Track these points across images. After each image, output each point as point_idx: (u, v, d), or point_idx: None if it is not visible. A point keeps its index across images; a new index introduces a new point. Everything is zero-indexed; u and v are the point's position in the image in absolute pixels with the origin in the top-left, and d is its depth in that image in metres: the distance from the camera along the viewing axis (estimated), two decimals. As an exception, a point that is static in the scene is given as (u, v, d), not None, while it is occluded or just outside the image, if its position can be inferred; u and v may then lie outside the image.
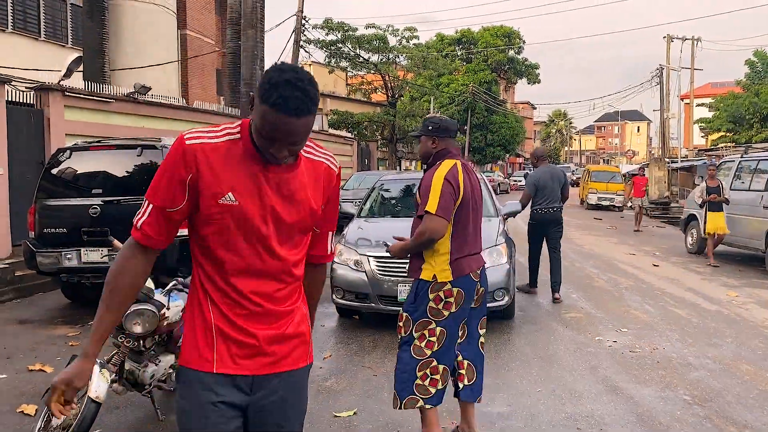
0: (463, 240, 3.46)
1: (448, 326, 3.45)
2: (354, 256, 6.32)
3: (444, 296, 3.40)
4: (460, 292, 3.41)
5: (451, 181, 3.37)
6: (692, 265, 11.21)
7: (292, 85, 1.57)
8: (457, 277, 3.39)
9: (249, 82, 13.01)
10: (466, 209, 3.45)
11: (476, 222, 3.62)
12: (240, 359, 1.77)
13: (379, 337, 6.06)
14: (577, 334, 6.18)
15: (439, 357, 3.47)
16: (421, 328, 3.46)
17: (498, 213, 7.30)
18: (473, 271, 3.49)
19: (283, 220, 1.77)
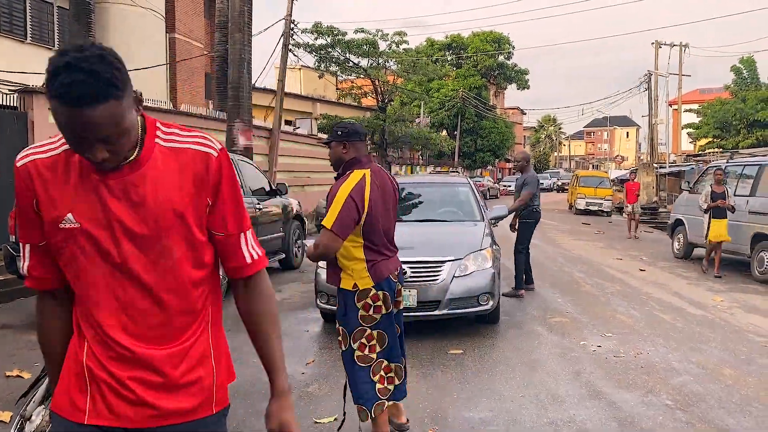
0: (376, 245, 3.51)
1: (384, 326, 3.53)
2: (338, 260, 6.27)
3: (372, 302, 3.47)
4: (386, 294, 3.50)
5: (355, 198, 3.37)
6: (679, 269, 11.24)
7: (73, 69, 1.25)
8: (377, 282, 3.47)
9: (236, 85, 12.96)
10: (375, 216, 3.48)
11: (390, 225, 3.67)
12: (118, 408, 1.45)
13: (363, 342, 6.01)
14: (562, 339, 6.17)
15: (386, 356, 3.56)
16: (359, 337, 3.51)
17: (484, 217, 7.29)
18: (392, 272, 3.58)
19: (137, 234, 1.41)
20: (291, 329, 6.62)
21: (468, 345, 5.91)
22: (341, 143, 3.60)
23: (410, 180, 9.54)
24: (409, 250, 6.34)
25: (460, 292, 5.97)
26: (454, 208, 7.61)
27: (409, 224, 7.30)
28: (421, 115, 40.56)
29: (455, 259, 6.05)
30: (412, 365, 5.29)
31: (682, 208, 13.00)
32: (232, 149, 12.69)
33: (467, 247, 6.25)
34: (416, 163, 44.62)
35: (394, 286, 3.60)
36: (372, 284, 3.45)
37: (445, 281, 5.94)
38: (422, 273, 5.97)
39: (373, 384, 3.52)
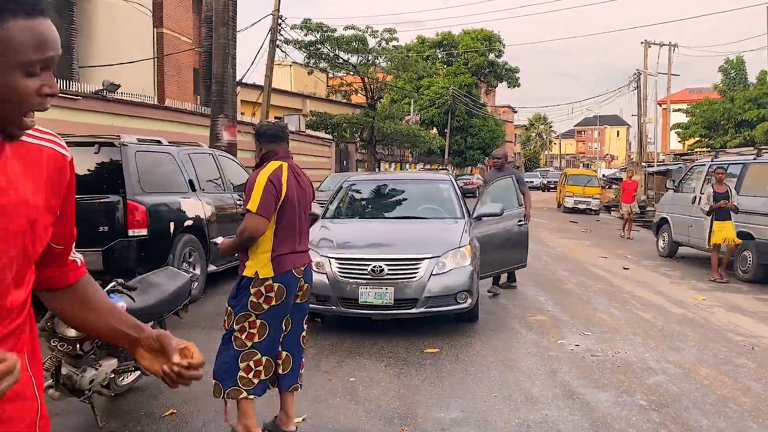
0: (285, 238, 3.57)
1: (269, 319, 3.55)
2: (315, 257, 6.15)
3: (265, 291, 3.51)
4: (281, 287, 3.53)
5: (274, 181, 3.50)
6: (663, 268, 11.23)
7: None
8: (278, 274, 3.51)
9: (221, 80, 12.81)
10: (290, 208, 3.58)
11: (302, 221, 3.72)
12: None
13: (339, 341, 5.93)
14: (540, 338, 6.11)
15: (261, 348, 3.56)
16: (242, 321, 3.55)
17: (464, 215, 7.22)
18: (296, 267, 3.61)
19: None
20: (267, 327, 6.53)
21: (445, 344, 5.83)
22: (257, 143, 3.76)
23: (391, 176, 9.48)
24: (386, 247, 6.29)
25: (438, 290, 5.89)
26: (435, 205, 7.54)
27: (388, 221, 7.24)
28: (411, 112, 40.50)
29: (433, 257, 5.98)
30: (386, 364, 5.22)
31: (667, 207, 13.00)
32: (216, 145, 12.57)
33: (446, 245, 6.17)
34: (406, 160, 44.58)
35: (296, 281, 3.62)
36: (272, 275, 3.50)
37: (422, 279, 5.86)
38: (399, 270, 5.89)
39: (236, 369, 3.55)
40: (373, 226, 7.07)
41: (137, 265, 6.88)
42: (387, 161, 40.54)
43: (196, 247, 7.85)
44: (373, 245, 6.33)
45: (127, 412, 4.25)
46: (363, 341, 5.90)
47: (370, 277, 5.85)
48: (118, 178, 6.88)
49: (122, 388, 4.55)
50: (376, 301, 5.82)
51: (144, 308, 4.19)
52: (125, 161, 6.97)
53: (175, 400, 4.41)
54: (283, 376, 3.77)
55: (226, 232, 8.75)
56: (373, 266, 5.84)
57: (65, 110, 11.88)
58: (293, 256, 3.61)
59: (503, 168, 8.51)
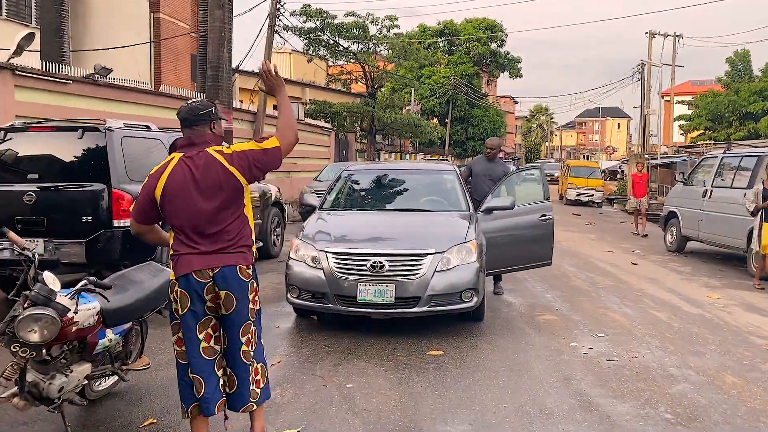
0: (183, 237, 3.21)
1: (183, 329, 3.20)
2: (311, 252, 5.79)
3: (175, 296, 3.22)
4: (183, 293, 3.16)
5: (149, 181, 3.25)
6: (672, 263, 10.85)
7: None
8: (177, 276, 3.19)
9: (216, 65, 12.40)
10: (175, 206, 3.17)
11: (202, 216, 3.17)
12: None
13: (336, 341, 5.55)
14: (550, 340, 5.72)
15: (189, 362, 3.22)
16: (175, 332, 3.28)
17: (470, 207, 6.82)
18: (194, 270, 3.14)
19: None
20: (260, 325, 6.14)
21: (449, 346, 5.45)
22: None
23: (392, 166, 9.04)
24: (387, 242, 5.89)
25: (442, 287, 5.50)
26: (439, 197, 7.13)
27: (388, 214, 6.84)
28: (411, 102, 39.98)
29: (437, 252, 5.58)
30: (386, 369, 4.84)
31: (676, 200, 12.60)
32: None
33: (450, 239, 5.78)
34: (406, 150, 44.07)
35: (200, 287, 3.14)
36: (173, 277, 3.22)
37: (425, 276, 5.47)
38: (401, 267, 5.50)
39: (189, 383, 3.21)
40: (373, 219, 6.66)
41: (123, 258, 6.48)
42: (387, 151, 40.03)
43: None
44: (372, 239, 5.93)
45: (102, 421, 3.88)
46: (362, 342, 5.52)
47: (369, 273, 5.46)
48: (102, 165, 6.47)
49: (98, 393, 4.17)
50: (376, 299, 5.43)
51: (121, 308, 3.80)
52: (110, 147, 6.55)
53: (155, 408, 4.04)
54: (230, 396, 3.29)
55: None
56: (372, 262, 5.45)
57: (54, 94, 11.43)
58: (193, 257, 3.15)
59: (495, 159, 8.04)
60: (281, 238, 10.62)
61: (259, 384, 3.37)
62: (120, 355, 4.13)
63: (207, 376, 3.19)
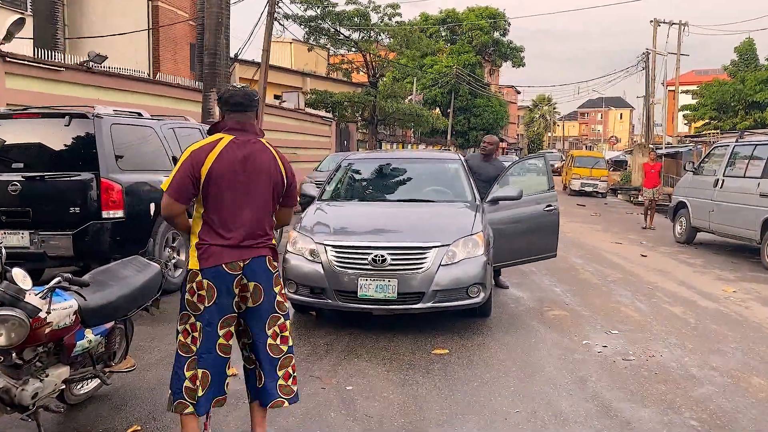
0: (215, 225, 3.03)
1: (205, 322, 3.01)
2: (310, 244, 5.49)
3: (197, 288, 3.01)
4: (211, 285, 2.99)
5: (194, 157, 2.99)
6: (682, 255, 10.54)
7: None
8: (204, 267, 2.99)
9: (213, 51, 12.04)
10: (218, 190, 3.01)
11: (245, 208, 3.07)
12: None
13: (336, 339, 5.26)
14: (562, 337, 5.42)
15: (198, 357, 3.02)
16: (184, 322, 3.08)
17: (476, 198, 6.51)
18: (229, 262, 3.01)
19: None
20: (256, 321, 5.86)
21: (455, 344, 5.15)
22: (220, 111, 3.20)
23: (394, 155, 8.70)
24: (389, 234, 5.59)
25: (447, 282, 5.20)
26: (443, 187, 6.82)
27: (391, 204, 6.53)
28: (413, 91, 39.57)
29: (442, 245, 5.28)
30: (389, 369, 4.55)
31: (686, 190, 12.28)
32: (208, 120, 11.84)
33: (456, 232, 5.47)
34: (408, 141, 43.72)
35: (230, 279, 3.00)
36: (198, 267, 3.00)
37: (430, 270, 5.17)
38: (404, 260, 5.20)
39: (183, 378, 3.03)
40: (374, 210, 6.35)
41: (112, 250, 6.20)
42: (388, 141, 39.66)
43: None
44: (374, 231, 5.62)
45: (82, 427, 3.59)
46: (362, 340, 5.23)
47: (370, 267, 5.16)
48: (91, 153, 6.18)
49: (79, 398, 3.89)
50: (378, 294, 5.13)
51: (102, 306, 3.50)
52: (99, 135, 6.25)
53: (141, 413, 3.75)
54: (259, 391, 3.17)
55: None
56: (374, 255, 5.15)
57: (47, 82, 11.13)
58: (224, 249, 3.01)
59: (491, 158, 7.58)
60: (280, 230, 10.31)
61: (294, 381, 3.22)
62: (102, 357, 3.84)
63: (217, 373, 3.07)
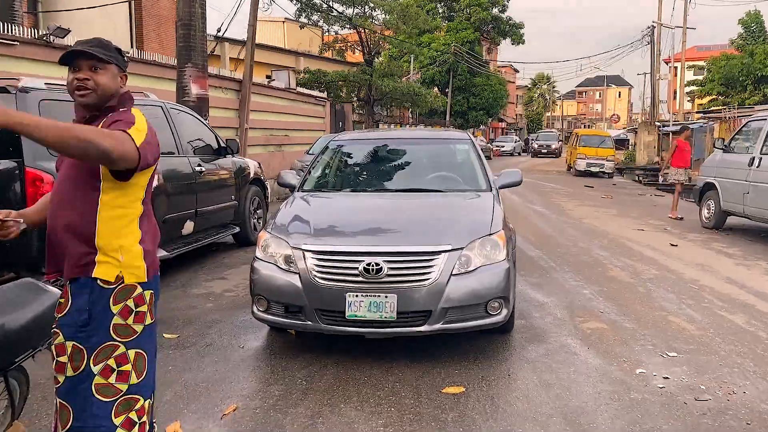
0: (150, 222, 2.42)
1: (145, 343, 2.33)
2: (284, 249, 4.30)
3: (135, 305, 2.29)
4: (153, 295, 2.39)
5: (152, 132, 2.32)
6: (715, 244, 9.37)
7: None
8: (152, 277, 2.36)
9: (187, 22, 10.76)
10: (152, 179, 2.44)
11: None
12: None
13: (317, 373, 4.09)
14: (608, 363, 4.25)
15: (142, 391, 2.33)
16: (105, 357, 2.23)
17: (491, 185, 5.32)
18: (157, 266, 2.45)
19: None
20: (219, 342, 4.68)
21: (472, 376, 3.99)
22: (122, 71, 2.39)
23: (392, 135, 7.44)
24: (386, 235, 4.39)
25: (461, 297, 4.03)
26: (451, 173, 5.62)
27: (388, 196, 5.31)
28: (411, 70, 38.18)
29: (453, 249, 4.09)
30: (386, 419, 3.39)
31: (714, 170, 11.07)
32: (183, 100, 10.59)
33: (471, 231, 4.29)
34: (405, 122, 42.34)
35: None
36: (144, 278, 2.30)
37: (438, 282, 3.99)
38: (405, 270, 4.01)
39: (112, 429, 2.24)
40: (367, 203, 5.14)
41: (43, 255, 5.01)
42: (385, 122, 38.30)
43: (135, 229, 5.95)
44: (367, 231, 4.44)
45: None
46: (352, 373, 4.06)
47: (362, 279, 3.98)
48: (13, 137, 4.96)
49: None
50: (372, 314, 3.96)
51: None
52: (25, 114, 5.02)
53: None
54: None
55: (181, 207, 6.88)
56: (366, 263, 3.97)
57: (-2, 58, 9.86)
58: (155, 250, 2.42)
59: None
60: (263, 221, 9.12)
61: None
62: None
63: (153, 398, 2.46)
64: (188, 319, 5.29)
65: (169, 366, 4.19)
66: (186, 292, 6.19)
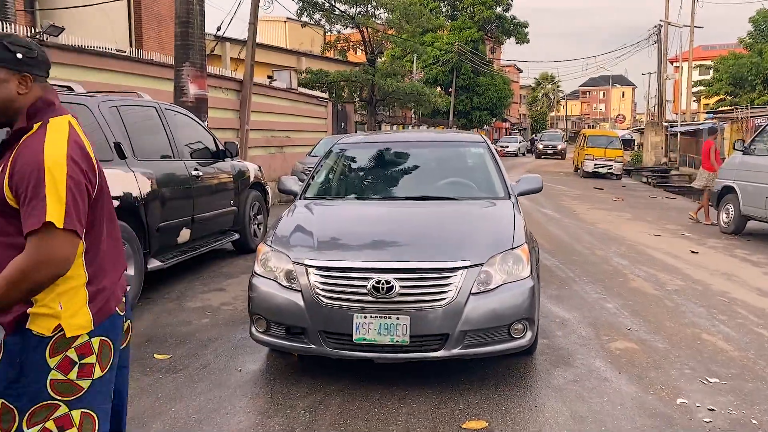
0: (101, 256, 1.92)
1: (93, 401, 1.87)
2: (285, 264, 3.90)
3: (78, 356, 1.83)
4: (105, 342, 1.89)
5: (78, 159, 1.78)
6: (738, 251, 8.95)
7: None
8: (101, 321, 1.87)
9: (185, 20, 10.37)
10: (101, 200, 1.92)
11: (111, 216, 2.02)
12: None
13: (321, 403, 3.68)
14: (644, 392, 3.84)
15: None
16: (41, 419, 1.79)
17: (510, 193, 4.91)
18: (119, 302, 1.99)
19: None
20: (215, 364, 4.28)
21: (495, 408, 3.57)
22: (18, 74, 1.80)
23: (399, 138, 7.00)
24: (397, 249, 3.98)
25: (481, 318, 3.62)
26: (465, 179, 5.21)
27: (397, 204, 4.89)
28: (414, 70, 37.78)
29: (472, 265, 3.68)
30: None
31: (733, 173, 10.65)
32: (181, 100, 10.20)
33: (490, 244, 3.88)
34: (408, 122, 41.94)
35: (121, 323, 2.00)
36: (90, 327, 1.83)
37: (456, 302, 3.59)
38: (419, 288, 3.61)
39: None
40: (375, 212, 4.72)
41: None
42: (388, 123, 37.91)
43: (126, 238, 5.56)
44: (375, 245, 4.03)
45: None
46: (359, 403, 3.65)
47: (371, 298, 3.58)
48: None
49: None
50: (382, 338, 3.56)
51: None
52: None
53: None
54: None
55: (177, 214, 6.48)
56: (376, 280, 3.57)
57: (-12, 57, 9.47)
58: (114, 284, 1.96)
59: None
60: (263, 227, 8.73)
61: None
62: None
63: None
64: (182, 337, 4.88)
65: (159, 394, 3.79)
66: (181, 306, 5.79)
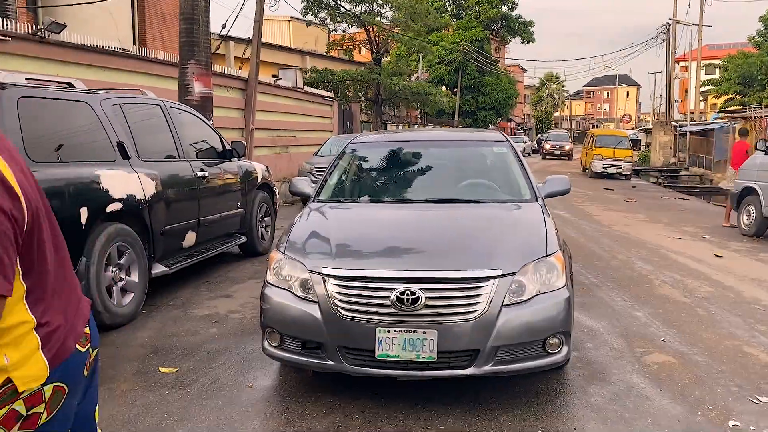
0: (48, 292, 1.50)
1: None
2: (300, 272, 3.60)
3: (26, 409, 1.46)
4: (60, 389, 1.52)
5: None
6: (762, 254, 8.64)
7: None
8: (54, 367, 1.49)
9: (189, 17, 10.10)
10: (37, 223, 1.45)
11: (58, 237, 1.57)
12: None
13: (343, 420, 3.39)
14: (690, 411, 3.53)
15: None
16: None
17: (537, 194, 4.62)
18: (80, 336, 1.60)
19: None
20: (224, 379, 3.98)
21: (530, 430, 3.28)
22: None
23: (416, 137, 6.68)
24: (421, 256, 3.68)
25: (515, 333, 3.32)
26: (490, 181, 4.91)
27: (418, 208, 4.57)
28: (419, 69, 37.49)
29: (504, 274, 3.39)
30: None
31: (754, 174, 10.33)
32: (186, 98, 9.93)
33: (522, 251, 3.58)
34: (414, 122, 41.64)
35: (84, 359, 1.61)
36: (46, 375, 1.48)
37: (488, 314, 3.29)
38: (447, 299, 3.31)
39: None
40: (396, 216, 4.41)
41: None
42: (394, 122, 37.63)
43: (129, 242, 5.28)
44: (398, 251, 3.73)
45: None
46: (383, 425, 3.35)
47: (395, 311, 3.28)
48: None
49: None
50: (407, 354, 3.26)
51: None
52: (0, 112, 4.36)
53: None
54: None
55: (182, 216, 6.20)
56: (400, 291, 3.27)
57: (-12, 54, 9.23)
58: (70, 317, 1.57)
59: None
60: (271, 229, 8.44)
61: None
62: None
63: None
64: (189, 348, 4.59)
65: (165, 413, 3.50)
66: (186, 313, 5.50)
